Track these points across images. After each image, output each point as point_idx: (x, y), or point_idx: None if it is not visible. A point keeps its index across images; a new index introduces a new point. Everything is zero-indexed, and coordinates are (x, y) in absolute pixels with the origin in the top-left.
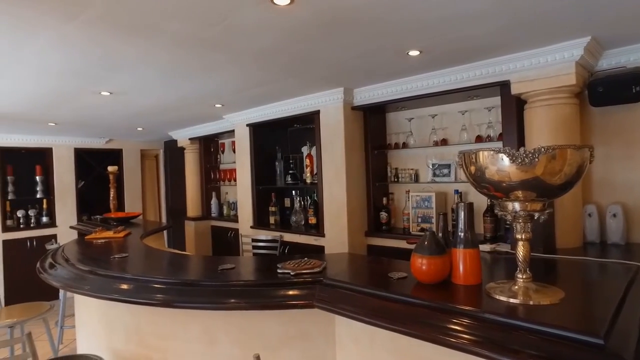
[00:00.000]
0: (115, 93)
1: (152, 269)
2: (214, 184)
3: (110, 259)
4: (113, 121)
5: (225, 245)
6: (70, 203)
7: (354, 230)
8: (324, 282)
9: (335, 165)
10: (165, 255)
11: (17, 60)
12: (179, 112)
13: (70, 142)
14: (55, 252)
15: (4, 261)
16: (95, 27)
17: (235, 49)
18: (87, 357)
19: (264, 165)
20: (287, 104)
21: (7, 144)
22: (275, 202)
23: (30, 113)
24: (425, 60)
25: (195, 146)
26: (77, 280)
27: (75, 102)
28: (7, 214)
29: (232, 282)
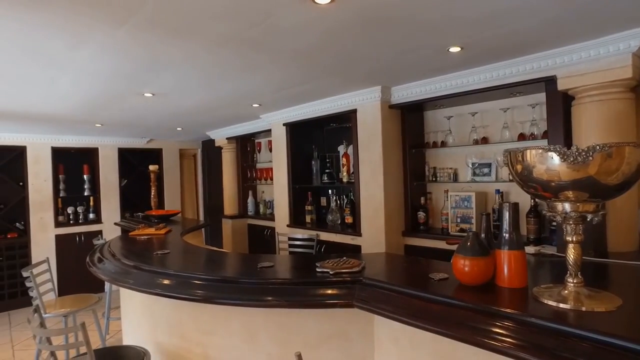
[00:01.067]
0: (158, 94)
1: (193, 266)
2: (251, 182)
3: (153, 255)
4: (154, 121)
5: (261, 243)
6: (114, 200)
7: (391, 230)
8: (364, 282)
9: (372, 164)
10: (205, 253)
11: (71, 64)
12: (217, 112)
13: (114, 142)
14: (102, 247)
15: (57, 254)
16: (142, 31)
17: (275, 48)
18: (133, 348)
19: (300, 164)
20: (324, 103)
21: (59, 144)
22: (311, 201)
23: (80, 115)
24: (466, 56)
25: (232, 145)
26: (123, 274)
27: (120, 104)
28: (59, 210)
29: (272, 280)
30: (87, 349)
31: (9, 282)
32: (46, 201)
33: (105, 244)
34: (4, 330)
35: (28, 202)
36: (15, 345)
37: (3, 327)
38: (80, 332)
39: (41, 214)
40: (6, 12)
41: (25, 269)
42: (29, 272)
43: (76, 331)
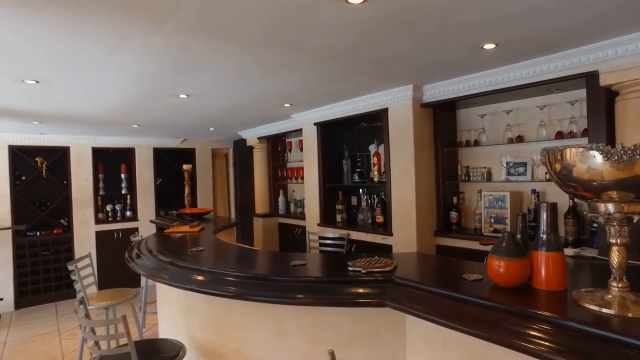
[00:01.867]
0: (192, 95)
1: (226, 263)
2: (281, 181)
3: (188, 252)
4: (188, 122)
5: (292, 241)
6: (150, 199)
7: (422, 230)
8: (396, 281)
9: (403, 163)
10: (237, 250)
11: (111, 69)
12: (249, 112)
13: (149, 142)
14: (140, 243)
15: (97, 250)
16: (177, 35)
17: (307, 48)
18: (169, 341)
19: (331, 163)
20: (355, 102)
21: (99, 144)
22: (342, 200)
23: (118, 116)
24: (502, 53)
25: (263, 145)
26: (159, 270)
27: (156, 105)
28: (98, 207)
29: (303, 278)
30: (128, 339)
31: (55, 274)
32: (87, 199)
33: (142, 240)
34: (52, 320)
35: (71, 200)
36: (62, 334)
37: (50, 316)
38: (121, 324)
39: (83, 211)
40: (54, 22)
41: (70, 263)
42: (73, 266)
43: (117, 323)
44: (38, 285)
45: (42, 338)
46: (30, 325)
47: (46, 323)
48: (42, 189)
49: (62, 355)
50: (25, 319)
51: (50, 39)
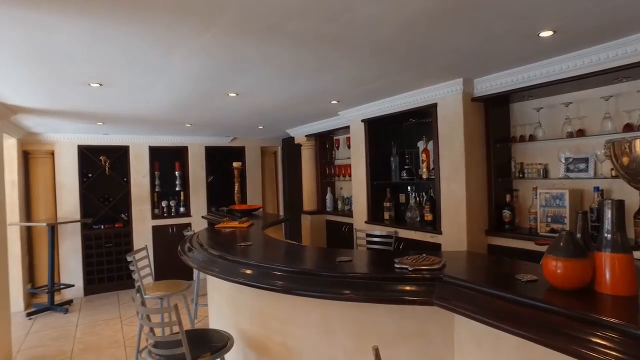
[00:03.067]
0: (241, 94)
1: (273, 257)
2: (329, 179)
3: (237, 247)
4: (237, 120)
5: (339, 239)
6: (202, 195)
7: (473, 229)
8: (444, 280)
9: (453, 160)
10: (285, 246)
11: (166, 70)
12: (296, 110)
13: (201, 141)
14: (192, 237)
15: (153, 243)
16: (226, 35)
17: (353, 43)
18: (219, 332)
19: (378, 160)
20: (402, 98)
21: (155, 143)
22: (390, 197)
23: (172, 116)
24: (560, 41)
25: (311, 142)
26: (209, 263)
27: (207, 104)
28: (154, 203)
29: (350, 274)
30: (179, 327)
31: (116, 265)
32: (145, 195)
33: (194, 235)
34: (114, 307)
35: (130, 196)
36: (124, 320)
37: (113, 304)
38: (173, 312)
39: (140, 206)
40: (115, 28)
41: (129, 254)
42: (132, 257)
43: (169, 312)
44: (102, 275)
45: (107, 323)
46: (96, 311)
47: (110, 309)
48: (105, 186)
49: (124, 339)
50: (92, 305)
51: (112, 44)
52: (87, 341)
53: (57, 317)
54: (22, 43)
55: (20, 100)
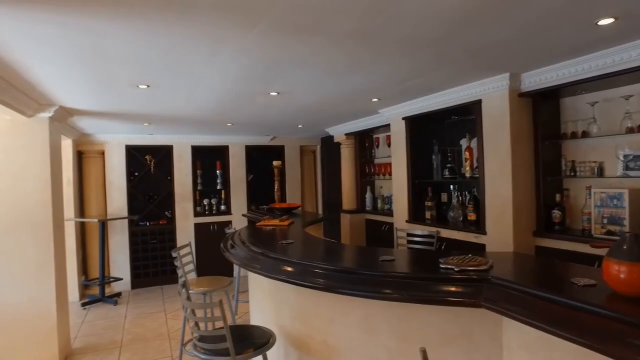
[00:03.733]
0: (283, 92)
1: (315, 255)
2: (369, 178)
3: (278, 244)
4: (277, 120)
5: (378, 238)
6: (242, 194)
7: (520, 229)
8: (492, 281)
9: (499, 158)
10: (326, 244)
11: (209, 70)
12: (336, 108)
13: (242, 140)
14: (234, 235)
15: (195, 240)
16: (271, 32)
17: (398, 39)
18: (261, 328)
19: (420, 159)
20: (445, 94)
21: (197, 143)
22: (431, 196)
23: (214, 116)
24: (621, 28)
25: (350, 141)
26: (251, 260)
27: (249, 104)
28: (196, 201)
29: (392, 273)
30: (224, 322)
31: (161, 261)
32: (187, 193)
33: (235, 232)
34: (159, 301)
35: (174, 194)
36: (168, 314)
37: (157, 298)
38: (217, 308)
39: (183, 204)
40: (161, 30)
41: (173, 250)
42: (176, 253)
43: (213, 307)
44: (148, 270)
45: (152, 316)
46: (142, 304)
47: (155, 303)
48: (150, 184)
49: (168, 332)
50: (139, 298)
51: (158, 47)
52: (135, 332)
53: (108, 309)
54: (76, 48)
55: (76, 102)
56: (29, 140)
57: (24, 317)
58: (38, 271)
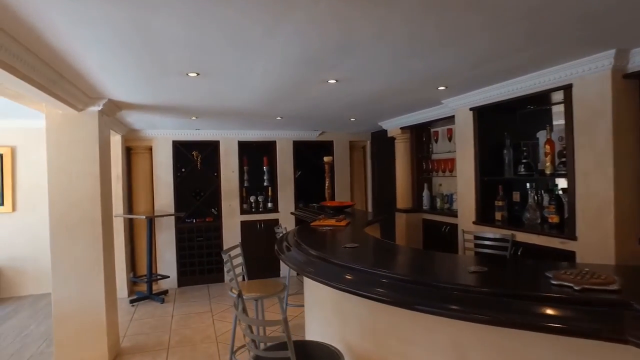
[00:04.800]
0: (341, 80)
1: (387, 263)
2: (426, 174)
3: (341, 248)
4: (330, 113)
5: (438, 240)
6: (289, 191)
7: (623, 236)
8: (636, 308)
9: (595, 152)
10: (396, 249)
11: (265, 52)
12: (396, 99)
13: (289, 136)
14: (287, 235)
15: (242, 239)
16: (341, 3)
17: (491, 9)
18: (326, 346)
19: (489, 154)
20: (523, 80)
21: (244, 138)
22: (502, 195)
23: (264, 108)
24: None
25: (406, 135)
26: (309, 265)
27: (302, 94)
28: (243, 198)
29: (487, 290)
30: (289, 344)
31: (207, 259)
32: (234, 190)
33: (289, 232)
34: (205, 301)
35: (220, 191)
36: (215, 314)
37: (204, 297)
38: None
39: (230, 201)
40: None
41: (224, 252)
42: (227, 256)
43: (277, 325)
44: (194, 267)
45: (199, 316)
46: (189, 303)
47: (201, 303)
48: (197, 180)
49: (215, 335)
50: (185, 296)
51: (213, 24)
52: (182, 334)
53: (155, 307)
54: (126, 25)
55: (124, 95)
56: (80, 135)
57: (75, 314)
58: (88, 269)
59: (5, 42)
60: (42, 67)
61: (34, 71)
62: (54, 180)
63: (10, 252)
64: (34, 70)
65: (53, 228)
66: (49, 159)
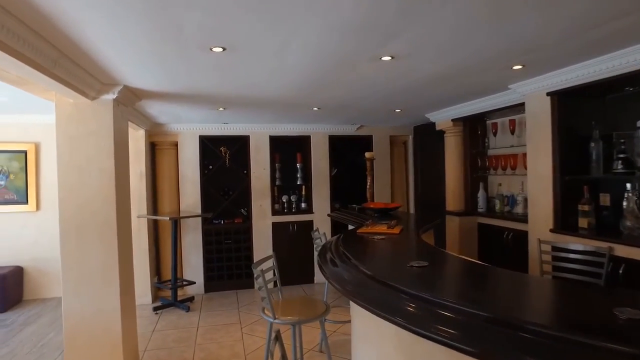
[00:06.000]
0: (398, 57)
1: (482, 296)
2: (482, 172)
3: (407, 268)
4: (374, 101)
5: (497, 248)
6: (325, 190)
7: None
8: None
9: None
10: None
11: (306, 18)
12: (456, 83)
13: (325, 130)
14: (331, 245)
15: (273, 242)
16: None
17: None
18: None
19: (570, 148)
20: (617, 57)
21: (276, 133)
22: (588, 198)
23: (300, 96)
24: None
25: (458, 128)
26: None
27: (347, 75)
28: (274, 198)
29: None
30: None
31: (235, 263)
32: (265, 189)
33: (333, 241)
34: (233, 309)
35: (250, 190)
36: (243, 327)
37: (232, 305)
38: None
39: (260, 201)
40: None
41: (254, 265)
42: (258, 270)
43: None
44: (222, 272)
45: (227, 329)
46: (216, 312)
47: (229, 313)
48: (225, 178)
49: (245, 352)
50: (212, 304)
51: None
52: (207, 349)
53: (180, 315)
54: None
55: (141, 79)
56: (93, 126)
57: (88, 328)
58: (101, 277)
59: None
60: (41, 45)
61: (33, 50)
62: (63, 177)
63: (34, 253)
64: (32, 49)
65: (63, 231)
66: (59, 153)
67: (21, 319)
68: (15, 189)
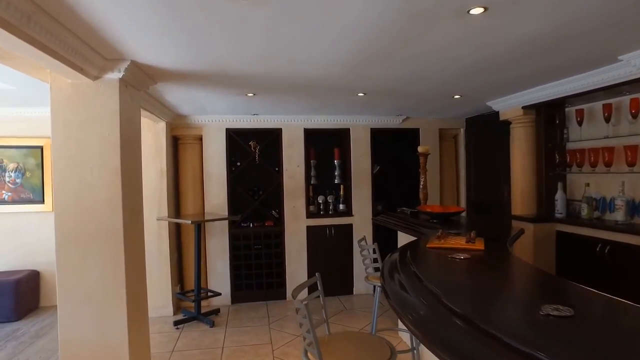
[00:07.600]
0: (493, 8)
1: None
2: (560, 170)
3: (540, 316)
4: (433, 84)
5: (585, 263)
6: (366, 190)
7: None
8: None
9: None
10: None
11: None
12: (551, 54)
13: (366, 122)
14: (397, 263)
15: (307, 248)
16: None
17: None
18: None
19: None
20: None
21: (311, 125)
22: None
23: (347, 74)
24: None
25: (529, 117)
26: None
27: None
28: (309, 199)
29: None
30: None
31: (266, 271)
32: (298, 189)
33: (398, 257)
34: (263, 325)
35: (282, 189)
36: (275, 349)
37: (262, 319)
38: None
39: (294, 202)
40: None
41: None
42: (302, 305)
43: None
44: (251, 281)
45: (255, 350)
46: (244, 329)
47: (259, 330)
48: (255, 176)
49: None
50: (240, 318)
51: None
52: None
53: (203, 331)
54: None
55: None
56: (95, 112)
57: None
58: (105, 298)
59: None
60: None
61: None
62: (60, 175)
63: (52, 256)
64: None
65: (59, 243)
66: (54, 146)
67: (34, 330)
68: (31, 187)
